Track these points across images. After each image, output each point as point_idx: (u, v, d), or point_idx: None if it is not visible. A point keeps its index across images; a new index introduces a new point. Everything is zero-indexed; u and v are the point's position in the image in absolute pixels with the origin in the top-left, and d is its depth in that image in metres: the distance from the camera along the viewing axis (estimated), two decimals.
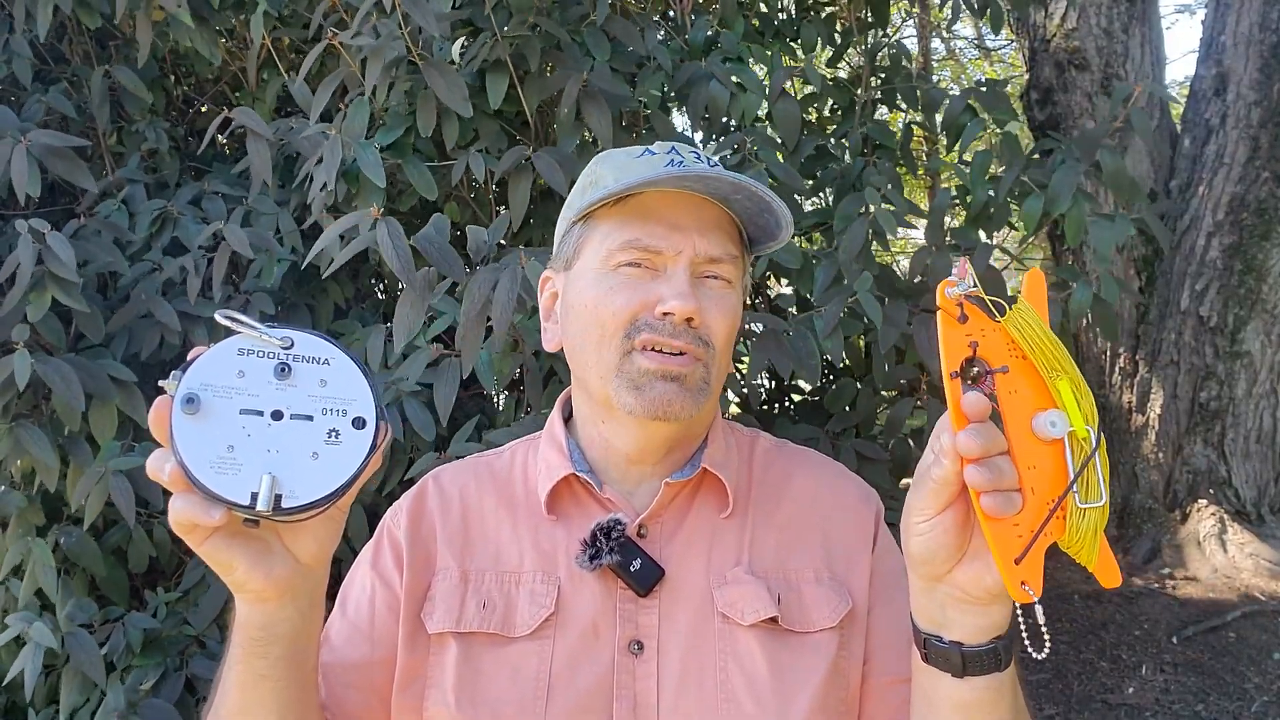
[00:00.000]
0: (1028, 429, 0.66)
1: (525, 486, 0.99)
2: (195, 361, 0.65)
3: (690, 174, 0.89)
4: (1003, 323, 0.67)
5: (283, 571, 0.70)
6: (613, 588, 0.91)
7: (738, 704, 0.86)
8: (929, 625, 0.76)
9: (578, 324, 0.93)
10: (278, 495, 0.63)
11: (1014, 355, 0.67)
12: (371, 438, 0.66)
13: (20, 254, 1.75)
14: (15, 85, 2.35)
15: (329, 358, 0.67)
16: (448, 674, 0.89)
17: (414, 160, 2.01)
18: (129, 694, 1.82)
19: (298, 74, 2.09)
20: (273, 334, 0.66)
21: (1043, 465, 0.66)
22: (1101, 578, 0.68)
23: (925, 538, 0.70)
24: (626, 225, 0.91)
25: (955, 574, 0.71)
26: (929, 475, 0.68)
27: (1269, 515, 3.79)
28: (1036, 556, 0.65)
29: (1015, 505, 0.65)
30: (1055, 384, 0.67)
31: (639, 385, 0.88)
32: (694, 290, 0.89)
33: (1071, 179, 1.95)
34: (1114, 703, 3.00)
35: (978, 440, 0.64)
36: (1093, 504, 0.66)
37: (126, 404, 1.85)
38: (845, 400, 2.02)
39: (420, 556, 0.95)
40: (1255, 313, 3.68)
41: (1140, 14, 3.90)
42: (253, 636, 0.74)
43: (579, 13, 2.15)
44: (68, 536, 1.92)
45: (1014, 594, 0.65)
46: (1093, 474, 0.66)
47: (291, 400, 0.65)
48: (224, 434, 0.63)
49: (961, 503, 0.69)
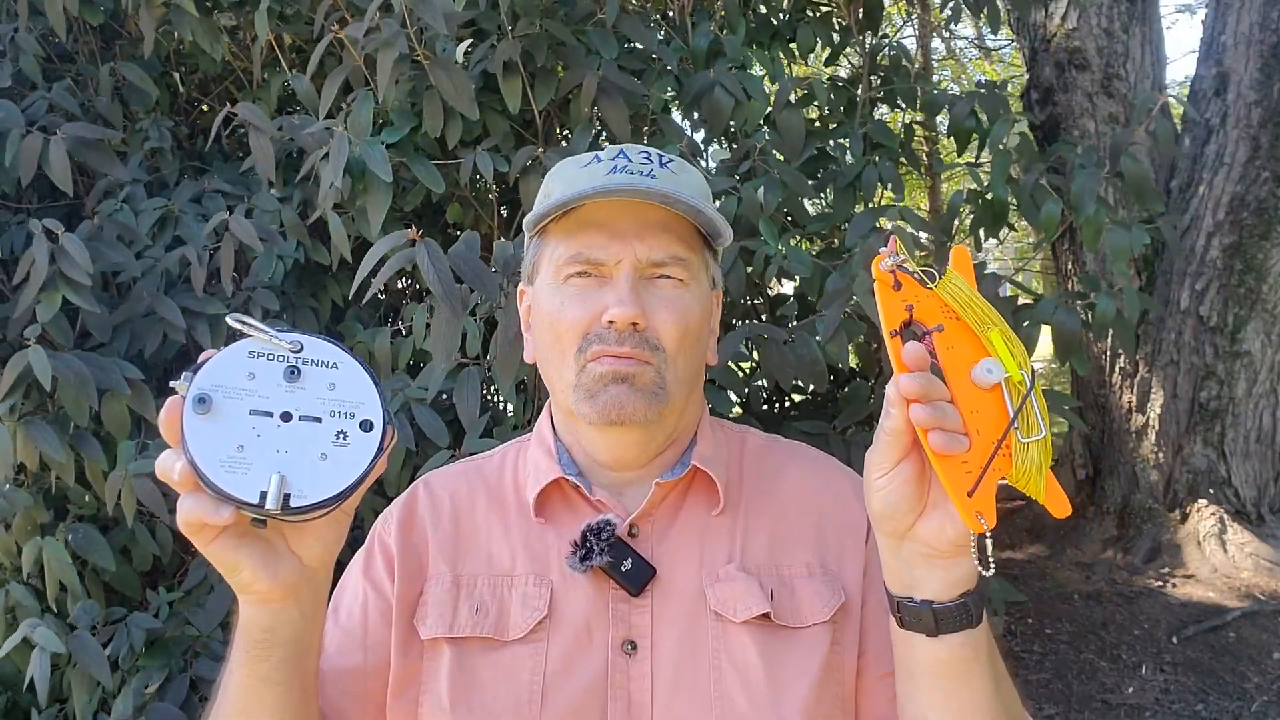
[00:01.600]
0: (967, 379, 0.71)
1: (516, 489, 1.00)
2: (207, 363, 0.65)
3: (619, 187, 0.89)
4: (935, 289, 0.73)
5: (288, 573, 0.70)
6: (605, 588, 0.91)
7: (732, 702, 0.86)
8: (900, 589, 0.78)
9: (542, 338, 0.95)
10: (286, 495, 0.64)
11: (948, 317, 0.73)
12: (379, 440, 0.67)
13: (35, 254, 1.76)
14: (20, 82, 2.34)
15: (338, 362, 0.68)
16: (442, 679, 0.89)
17: (419, 158, 2.01)
18: (135, 697, 1.81)
19: (300, 71, 2.09)
20: (283, 337, 0.67)
21: (985, 409, 0.71)
22: (1051, 507, 0.72)
23: (885, 491, 0.73)
24: (570, 239, 0.92)
25: (918, 528, 0.74)
26: (882, 429, 0.72)
27: (1269, 515, 3.80)
28: (988, 489, 0.69)
29: (962, 445, 0.69)
30: (987, 335, 0.72)
31: (593, 393, 0.89)
32: (637, 296, 0.89)
33: (1093, 185, 1.95)
34: (1114, 703, 3.01)
35: (917, 382, 0.68)
36: (1035, 438, 0.71)
37: (135, 401, 1.85)
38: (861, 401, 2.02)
39: (412, 563, 0.95)
40: (1255, 313, 3.69)
41: (1140, 14, 3.91)
42: (256, 639, 0.75)
43: (583, 12, 2.14)
44: (75, 534, 1.92)
45: (969, 524, 0.69)
46: (1031, 412, 0.71)
47: (301, 402, 0.66)
48: (234, 434, 0.64)
49: (916, 455, 0.73)
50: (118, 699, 1.81)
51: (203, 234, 2.09)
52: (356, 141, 1.87)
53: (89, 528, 1.92)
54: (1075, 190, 1.96)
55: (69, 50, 2.60)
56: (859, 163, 2.23)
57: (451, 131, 1.96)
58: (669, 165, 0.94)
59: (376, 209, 1.88)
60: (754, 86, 2.09)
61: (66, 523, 1.97)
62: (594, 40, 2.09)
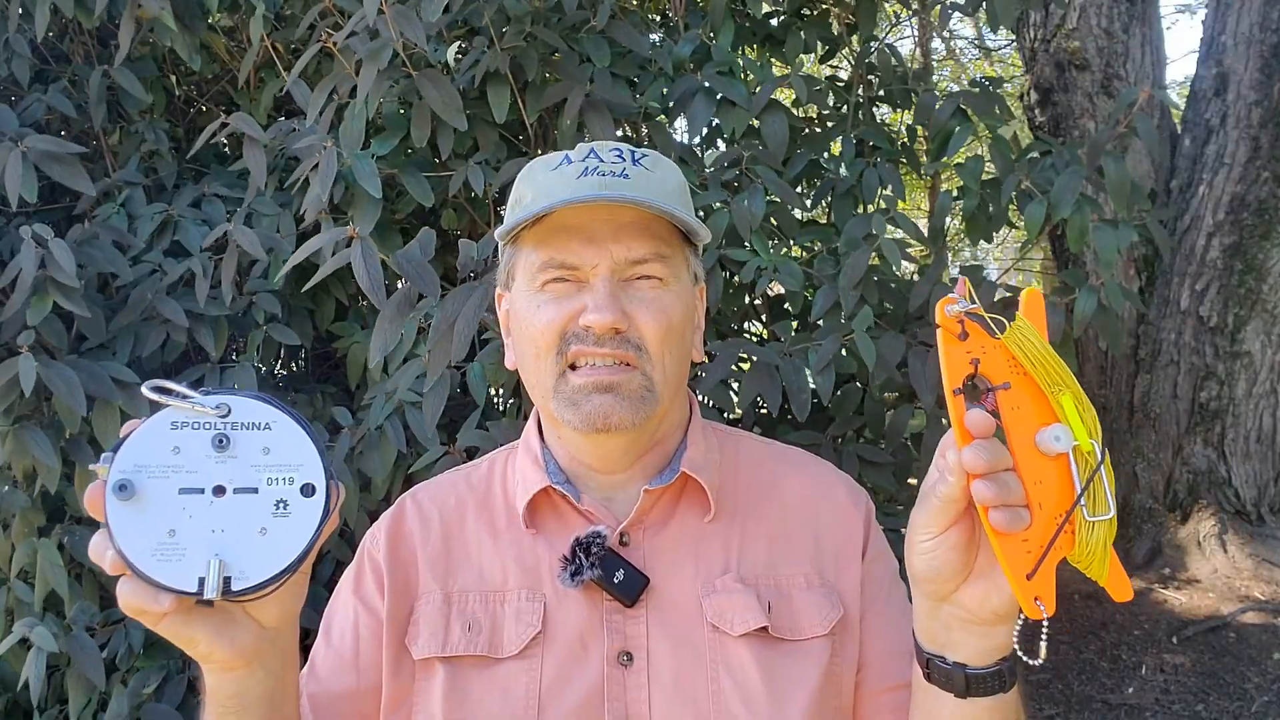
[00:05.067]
0: (1032, 444, 0.66)
1: (505, 500, 0.98)
2: (125, 441, 0.61)
3: (590, 197, 0.86)
4: (1002, 339, 0.67)
5: (247, 639, 0.67)
6: (599, 599, 0.90)
7: (730, 714, 0.85)
8: (932, 645, 0.75)
9: (520, 345, 0.93)
10: (226, 578, 0.60)
11: (1015, 372, 0.67)
12: (323, 505, 0.63)
13: (23, 260, 1.76)
14: (15, 84, 2.34)
15: (270, 421, 0.63)
16: (435, 699, 0.88)
17: (410, 169, 2.00)
18: (132, 698, 1.82)
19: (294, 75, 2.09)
20: (207, 402, 0.62)
21: (1049, 480, 0.65)
22: (1113, 591, 0.67)
23: (930, 556, 0.69)
24: (544, 245, 0.89)
25: (961, 594, 0.70)
26: (934, 492, 0.67)
27: (1269, 515, 3.79)
28: (1048, 571, 0.65)
29: (1024, 520, 0.64)
30: (1058, 399, 0.66)
31: (575, 401, 0.87)
32: (615, 300, 0.86)
33: (1074, 185, 1.93)
34: (1114, 703, 3.01)
35: (983, 455, 0.63)
36: (1101, 517, 0.66)
37: (129, 406, 1.85)
38: (851, 407, 2.02)
39: (400, 580, 0.94)
40: (1255, 313, 3.68)
41: (1140, 14, 3.90)
42: (226, 705, 0.72)
43: (577, 18, 2.14)
44: (71, 536, 1.92)
45: (1028, 610, 0.65)
46: (1099, 487, 0.66)
47: (233, 473, 0.61)
48: (163, 519, 0.60)
49: (967, 521, 0.68)
50: (112, 699, 1.82)
51: (204, 243, 2.09)
52: (347, 158, 1.86)
53: (84, 530, 1.92)
54: (1054, 191, 1.95)
55: (65, 53, 2.61)
56: (854, 168, 2.22)
57: (443, 141, 1.95)
58: (642, 161, 0.92)
59: (365, 222, 1.88)
60: (738, 93, 2.08)
61: (64, 524, 1.98)
62: (586, 47, 2.08)
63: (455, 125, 1.89)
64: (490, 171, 1.98)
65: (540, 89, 2.01)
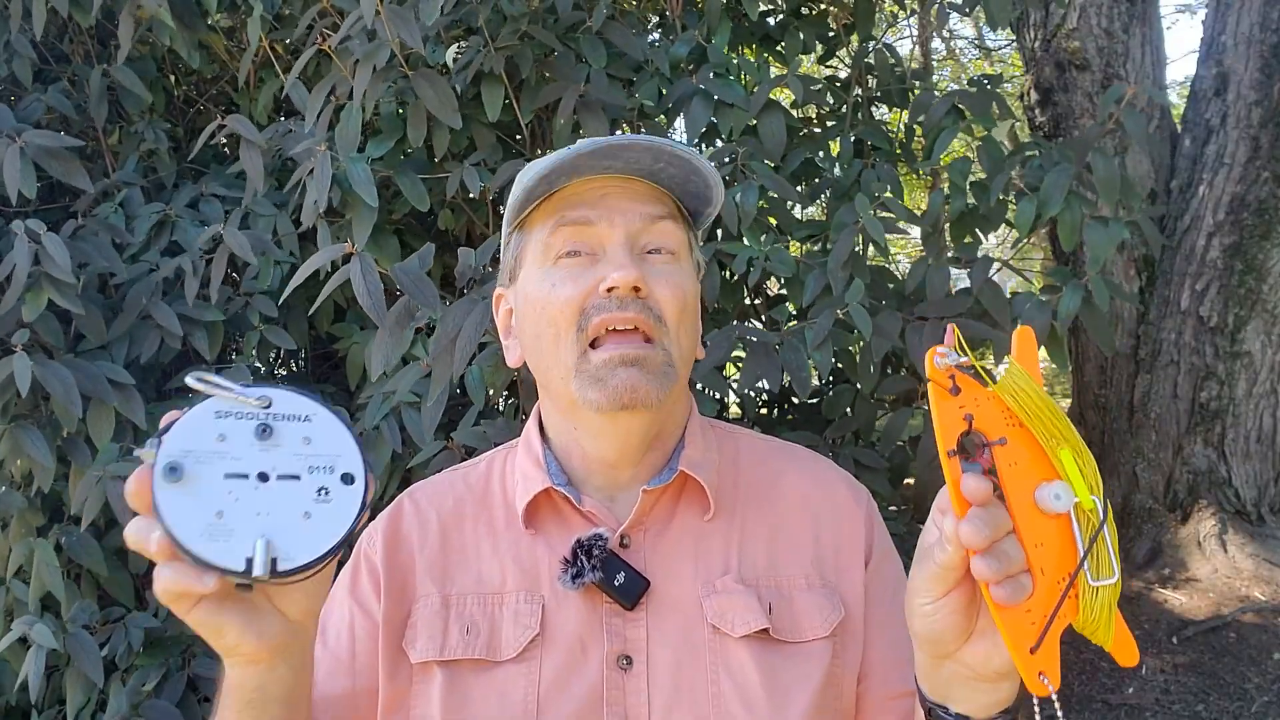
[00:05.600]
0: (1031, 503, 0.63)
1: (504, 500, 0.97)
2: (172, 428, 0.63)
3: (603, 145, 0.85)
4: (995, 389, 0.64)
5: (274, 631, 0.68)
6: (598, 602, 0.89)
7: (730, 716, 0.84)
8: (935, 696, 0.74)
9: (532, 329, 0.92)
10: (273, 559, 0.61)
11: (1011, 424, 0.64)
12: (362, 493, 0.65)
13: (17, 255, 1.76)
14: (16, 84, 2.35)
15: (310, 414, 0.65)
16: (433, 702, 0.87)
17: (406, 171, 2.00)
18: (131, 695, 1.82)
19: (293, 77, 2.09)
20: (249, 394, 0.64)
21: (1050, 541, 0.62)
22: (1119, 656, 0.64)
23: (931, 620, 0.68)
24: (556, 217, 0.90)
25: (963, 653, 0.69)
26: (932, 558, 0.65)
27: (1269, 515, 3.78)
28: (1052, 642, 0.62)
29: (1026, 590, 0.62)
30: (1056, 453, 0.63)
31: (600, 378, 0.86)
32: (636, 262, 0.87)
33: (1063, 182, 1.93)
34: (1114, 703, 3.01)
35: (982, 531, 0.61)
36: (1105, 581, 0.63)
37: (124, 406, 1.85)
38: (843, 406, 2.01)
39: (397, 583, 0.93)
40: (1255, 313, 3.67)
41: (1141, 14, 3.89)
42: (248, 700, 0.72)
43: (573, 19, 2.14)
44: (69, 537, 1.92)
45: (1031, 686, 0.62)
46: (1103, 548, 0.63)
47: (276, 460, 0.64)
48: (211, 500, 0.61)
49: (968, 583, 0.66)
50: (111, 697, 1.82)
51: (198, 243, 2.09)
52: (342, 162, 1.87)
53: (81, 531, 1.91)
54: (1043, 188, 1.94)
55: (65, 53, 2.61)
56: (851, 168, 2.22)
57: (439, 142, 1.96)
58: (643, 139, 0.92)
59: (361, 226, 1.89)
60: (735, 94, 2.07)
61: (62, 524, 1.98)
62: (582, 47, 2.08)
63: (450, 124, 1.89)
64: (486, 173, 1.98)
65: (535, 89, 2.01)
